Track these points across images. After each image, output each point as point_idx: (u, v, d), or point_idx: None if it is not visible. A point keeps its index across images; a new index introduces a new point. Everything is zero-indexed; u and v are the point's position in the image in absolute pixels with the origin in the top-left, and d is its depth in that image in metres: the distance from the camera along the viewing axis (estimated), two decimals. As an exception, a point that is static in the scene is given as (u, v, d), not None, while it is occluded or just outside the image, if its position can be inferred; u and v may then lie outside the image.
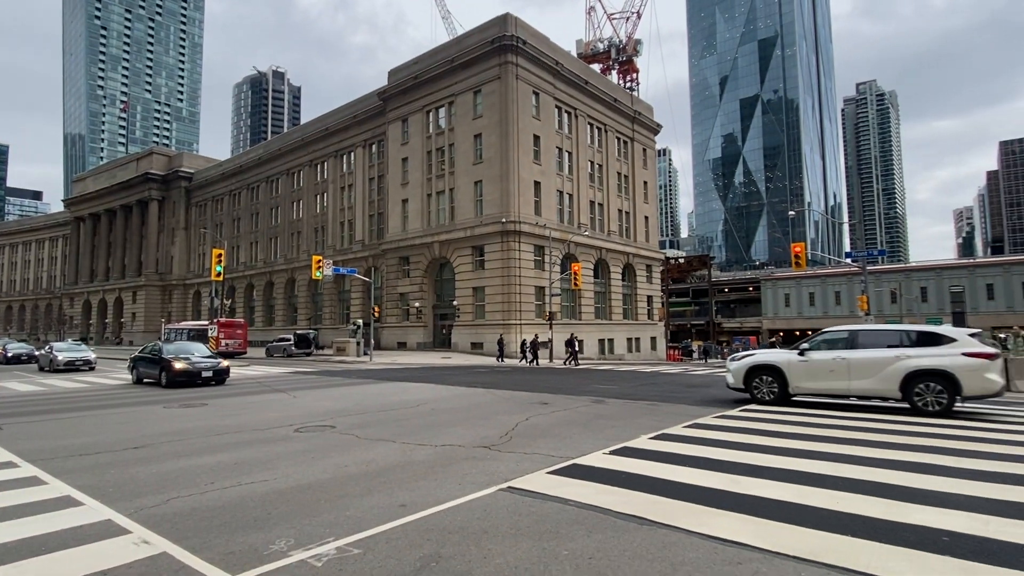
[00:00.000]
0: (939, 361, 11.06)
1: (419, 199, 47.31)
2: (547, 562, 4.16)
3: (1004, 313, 58.63)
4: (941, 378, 11.00)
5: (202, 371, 18.35)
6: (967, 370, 10.81)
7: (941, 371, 10.99)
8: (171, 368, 18.03)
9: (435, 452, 8.06)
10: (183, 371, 18.10)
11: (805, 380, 12.56)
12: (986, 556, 4.22)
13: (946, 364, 10.96)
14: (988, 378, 10.77)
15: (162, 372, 18.28)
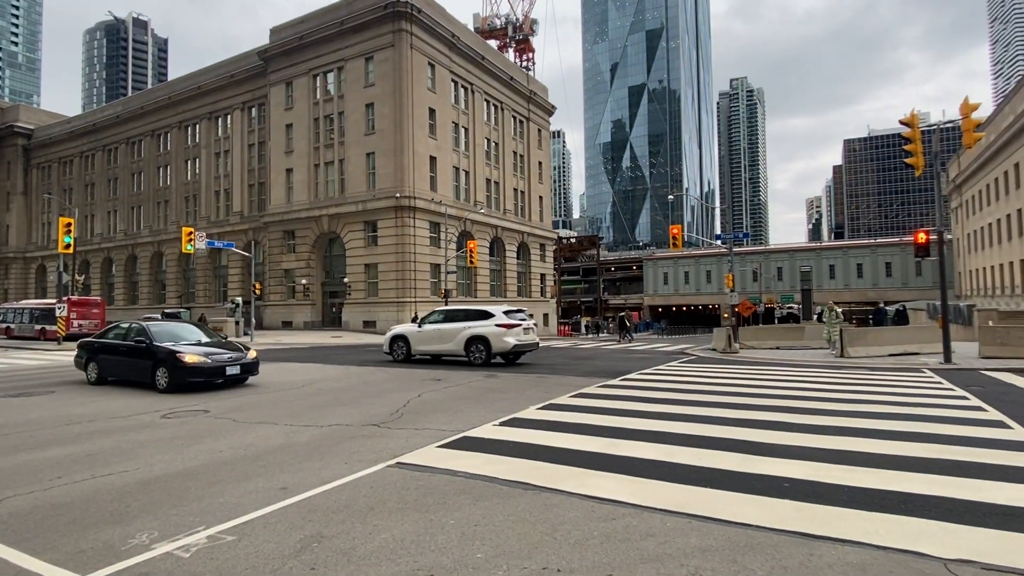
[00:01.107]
0: (482, 330, 16.82)
1: (305, 169, 44.62)
2: (433, 532, 4.20)
3: (841, 290, 67.46)
4: (481, 341, 16.74)
5: (225, 367, 12.09)
6: (495, 336, 16.62)
7: (482, 336, 16.71)
8: (180, 363, 11.55)
9: (321, 433, 7.79)
10: (197, 367, 11.66)
11: (420, 344, 17.90)
12: (815, 497, 4.89)
13: (485, 332, 16.78)
14: (505, 340, 16.62)
15: (158, 368, 11.83)
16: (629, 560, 3.70)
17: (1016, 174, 40.50)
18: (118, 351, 12.82)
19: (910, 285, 62.67)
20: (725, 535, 4.09)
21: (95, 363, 13.21)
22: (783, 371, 15.46)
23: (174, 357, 11.57)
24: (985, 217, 49.23)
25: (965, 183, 55.33)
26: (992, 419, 8.28)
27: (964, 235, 57.69)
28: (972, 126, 15.55)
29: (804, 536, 4.05)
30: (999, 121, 43.84)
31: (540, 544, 3.97)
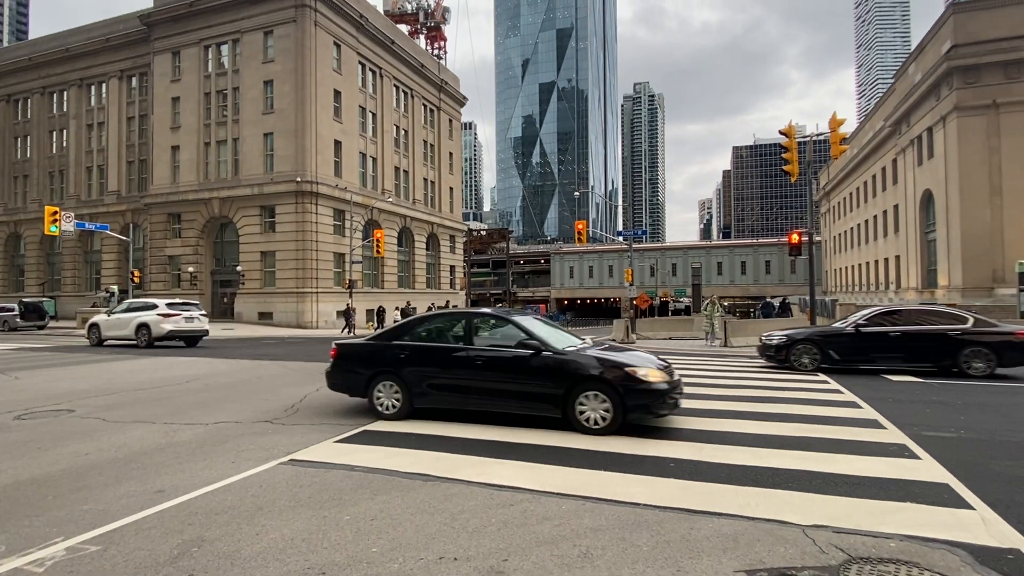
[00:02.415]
0: (146, 318, 19.94)
1: (194, 147, 41.14)
2: (327, 529, 4.06)
3: (728, 286, 73.15)
4: (145, 327, 19.89)
5: None
6: (155, 323, 19.82)
7: (145, 323, 19.94)
8: None
9: (206, 431, 7.25)
10: None
11: (107, 331, 20.92)
12: (698, 475, 5.27)
13: (147, 320, 19.86)
14: (162, 326, 19.86)
15: None
16: (525, 544, 3.78)
17: (872, 185, 45.89)
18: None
19: (786, 281, 69.18)
20: (616, 515, 4.29)
21: None
22: (674, 360, 16.49)
23: None
24: (847, 222, 55.39)
25: (833, 190, 61.87)
26: (847, 400, 9.35)
27: (831, 237, 64.58)
28: (838, 139, 17.39)
29: (687, 512, 4.35)
30: (861, 137, 49.40)
31: (438, 534, 3.96)
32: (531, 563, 3.52)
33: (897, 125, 38.31)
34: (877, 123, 43.30)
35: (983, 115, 28.75)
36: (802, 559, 3.55)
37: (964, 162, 29.02)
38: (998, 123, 28.55)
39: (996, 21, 28.61)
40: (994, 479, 5.16)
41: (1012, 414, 8.17)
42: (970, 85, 28.90)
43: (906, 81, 36.38)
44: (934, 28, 31.91)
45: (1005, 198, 28.27)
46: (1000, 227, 28.30)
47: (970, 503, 4.52)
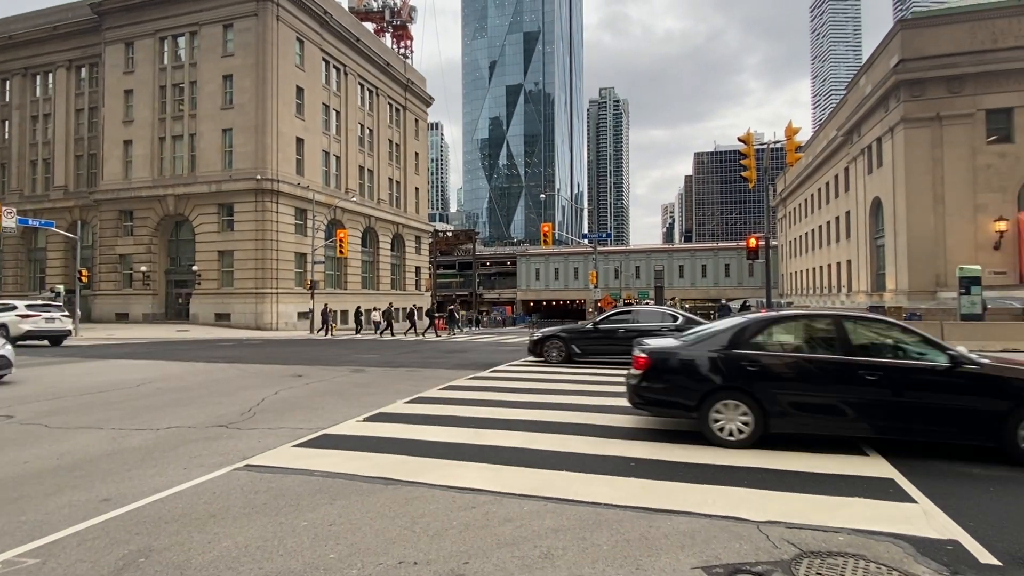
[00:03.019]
0: (4, 319, 20.50)
1: (148, 142, 39.64)
2: (283, 536, 3.95)
3: (689, 288, 74.78)
4: (3, 327, 19.97)
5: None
6: (13, 323, 20.42)
7: (3, 323, 20.25)
8: None
9: (157, 436, 6.98)
10: None
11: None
12: (658, 473, 5.35)
13: (5, 320, 20.48)
14: (20, 326, 20.44)
15: None
16: (486, 547, 3.77)
17: (826, 192, 47.64)
18: None
19: (744, 284, 71.15)
20: (577, 514, 4.32)
21: None
22: (638, 361, 16.72)
23: None
24: (802, 227, 57.34)
25: (789, 197, 63.96)
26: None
27: (787, 242, 66.73)
28: (794, 147, 18.00)
29: (646, 510, 4.41)
30: (815, 145, 51.25)
31: (398, 539, 3.90)
32: (492, 565, 3.51)
33: (849, 135, 39.89)
34: (830, 132, 45.00)
35: (928, 127, 30.20)
36: (756, 554, 3.64)
37: (910, 172, 30.42)
38: (941, 135, 30.03)
39: (940, 38, 30.12)
40: (935, 474, 5.41)
41: (952, 411, 8.57)
42: (916, 98, 30.32)
43: (857, 93, 37.91)
44: (883, 43, 33.37)
45: (947, 207, 29.75)
46: (943, 234, 29.76)
47: (913, 497, 4.72)
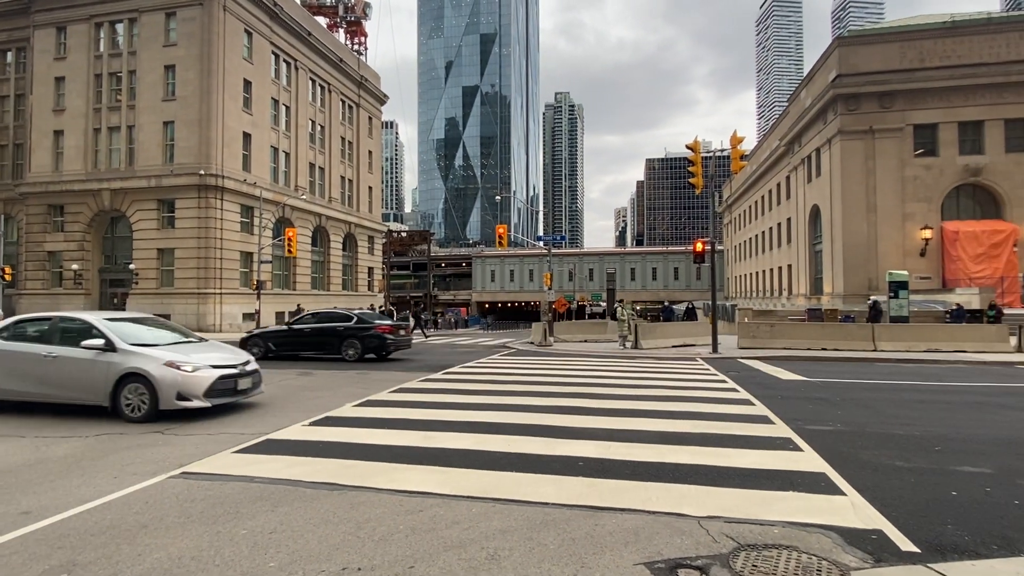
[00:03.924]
0: None
1: (82, 133, 37.41)
2: (220, 545, 3.80)
3: (640, 291, 76.46)
4: None
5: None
6: None
7: None
8: None
9: (85, 444, 6.59)
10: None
11: None
12: (604, 472, 5.45)
13: None
14: None
15: None
16: (433, 550, 3.73)
17: (769, 199, 49.71)
18: None
19: (692, 287, 73.29)
20: (524, 515, 4.34)
21: None
22: (588, 361, 17.01)
23: None
24: (747, 233, 59.61)
25: (735, 203, 66.37)
26: (742, 398, 10.03)
27: (733, 246, 69.20)
28: (738, 156, 18.70)
29: (592, 509, 4.48)
30: (759, 154, 53.39)
31: (342, 544, 3.82)
32: (438, 569, 3.48)
33: (790, 145, 41.77)
34: (773, 142, 47.00)
35: (862, 139, 31.98)
36: (696, 549, 3.76)
37: (846, 181, 32.12)
38: (874, 147, 31.86)
39: (873, 56, 31.96)
40: (863, 467, 5.72)
41: (881, 409, 9.11)
42: (851, 112, 32.06)
43: (799, 105, 39.76)
44: (822, 58, 35.14)
45: (879, 215, 31.57)
46: (875, 241, 31.56)
47: (843, 490, 4.98)
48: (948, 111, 31.03)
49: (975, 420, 8.19)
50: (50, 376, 8.03)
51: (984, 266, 29.32)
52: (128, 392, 7.78)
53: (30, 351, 8.21)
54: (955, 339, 19.00)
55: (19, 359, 8.23)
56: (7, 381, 8.26)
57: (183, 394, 7.75)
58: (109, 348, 7.94)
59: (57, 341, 8.22)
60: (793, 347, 19.87)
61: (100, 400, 7.88)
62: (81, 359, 7.95)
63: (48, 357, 8.05)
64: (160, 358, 7.89)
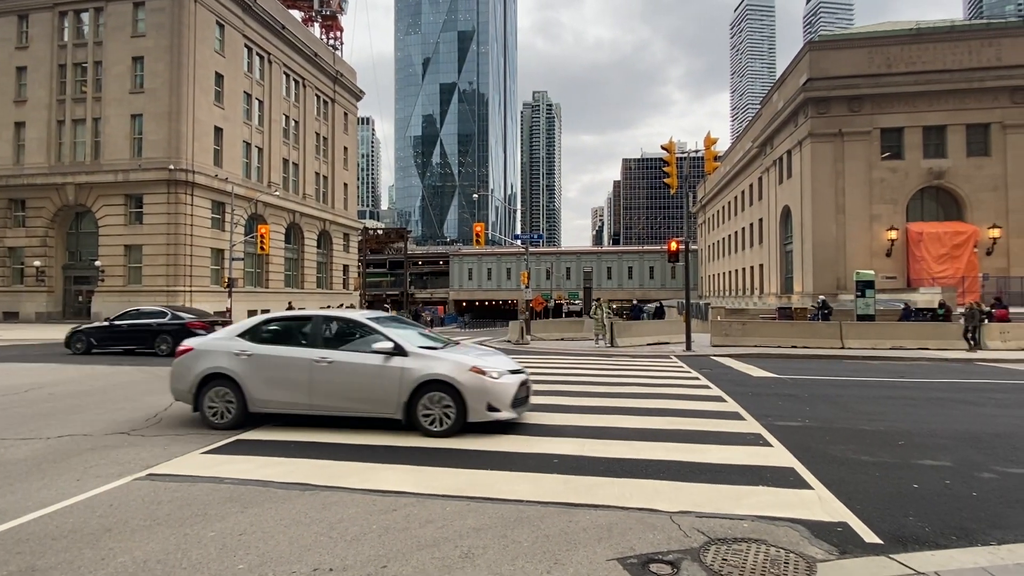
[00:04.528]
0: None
1: (44, 125, 36.17)
2: (187, 548, 3.72)
3: (616, 289, 77.11)
4: None
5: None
6: None
7: None
8: None
9: (47, 446, 6.38)
10: None
11: None
12: (579, 470, 5.48)
13: None
14: None
15: None
16: (406, 549, 3.71)
17: (742, 200, 50.57)
18: None
19: (667, 286, 74.21)
20: (499, 513, 4.35)
21: None
22: (564, 359, 17.09)
23: None
24: (720, 233, 60.57)
25: (708, 203, 67.35)
26: (714, 395, 10.19)
27: (706, 246, 70.23)
28: (712, 156, 18.98)
29: (567, 505, 4.50)
30: (733, 155, 54.28)
31: (314, 545, 3.77)
32: (411, 568, 3.46)
33: (763, 147, 42.55)
34: (746, 144, 47.82)
35: (831, 142, 32.75)
36: (668, 544, 3.81)
37: (816, 182, 32.86)
38: (843, 150, 32.66)
39: (842, 60, 32.74)
40: (830, 462, 5.86)
41: (848, 405, 9.35)
42: (821, 115, 32.80)
43: (771, 108, 40.52)
44: (794, 62, 35.86)
45: (847, 216, 32.38)
46: (843, 241, 32.37)
47: (810, 484, 5.10)
48: (913, 115, 31.97)
49: (936, 415, 8.47)
50: (321, 385, 6.97)
51: (946, 266, 30.30)
52: (427, 402, 6.74)
53: (295, 356, 7.12)
54: (919, 337, 19.61)
55: (280, 366, 7.13)
56: (267, 391, 7.10)
57: (493, 404, 6.75)
58: (398, 352, 6.88)
59: (321, 344, 7.24)
60: (764, 345, 20.27)
61: (390, 412, 6.85)
62: (365, 365, 6.92)
63: (320, 363, 6.99)
64: (463, 363, 6.89)
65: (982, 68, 31.19)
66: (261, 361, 7.17)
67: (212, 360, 7.30)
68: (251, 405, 7.13)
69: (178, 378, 7.52)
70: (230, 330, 7.80)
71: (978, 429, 7.48)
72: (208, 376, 7.26)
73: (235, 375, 7.14)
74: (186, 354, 7.56)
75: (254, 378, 7.10)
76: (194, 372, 7.33)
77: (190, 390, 7.33)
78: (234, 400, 7.16)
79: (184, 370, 7.46)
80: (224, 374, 7.20)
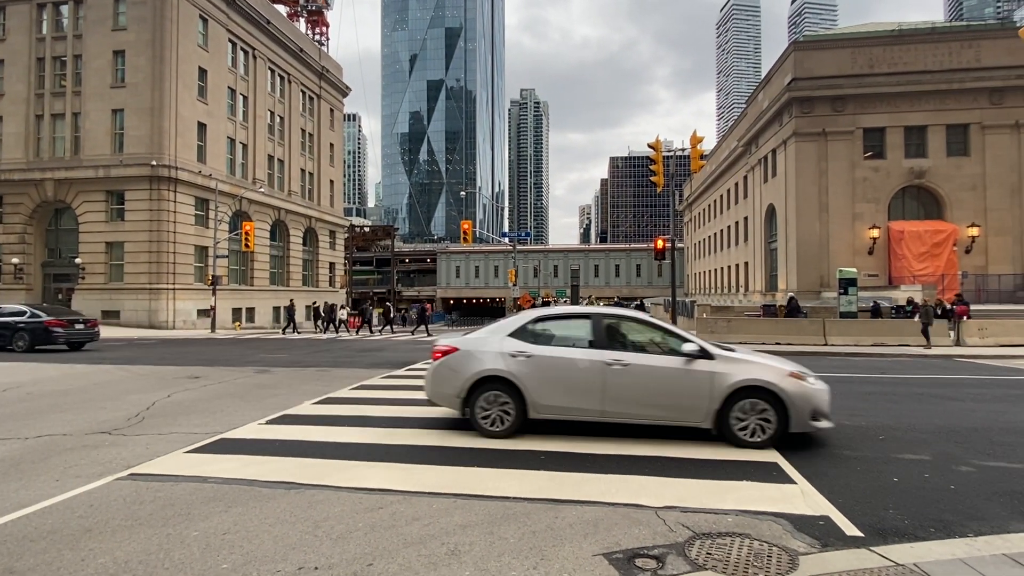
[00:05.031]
0: None
1: (23, 119, 35.43)
2: (170, 548, 3.67)
3: (603, 287, 77.47)
4: None
5: None
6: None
7: None
8: None
9: (24, 446, 6.27)
10: None
11: None
12: (566, 466, 5.49)
13: None
14: None
15: None
16: (392, 547, 3.70)
17: (727, 198, 51.00)
18: None
19: (654, 284, 74.70)
20: (486, 509, 4.35)
21: None
22: (553, 358, 17.11)
23: None
24: (706, 231, 61.05)
25: (695, 202, 67.84)
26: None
27: (693, 244, 70.75)
28: (698, 155, 19.12)
29: (553, 502, 4.52)
30: (718, 154, 54.71)
31: (299, 544, 3.74)
32: (397, 565, 3.45)
33: (748, 146, 42.94)
34: (732, 143, 48.23)
35: (815, 141, 33.14)
36: (653, 539, 3.83)
37: (800, 181, 33.25)
38: (826, 149, 33.07)
39: (826, 61, 33.13)
40: (813, 456, 5.95)
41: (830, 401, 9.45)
42: (806, 114, 33.17)
43: (756, 107, 40.89)
44: (779, 62, 36.21)
45: (831, 215, 32.81)
46: (827, 239, 32.79)
47: (793, 479, 5.16)
48: (895, 116, 32.45)
49: (916, 410, 8.62)
50: (617, 389, 6.42)
51: (927, 264, 30.83)
52: (740, 411, 6.24)
53: (584, 358, 6.56)
54: (900, 334, 19.95)
55: (566, 368, 6.57)
56: (551, 395, 6.53)
57: (818, 412, 6.34)
58: (703, 355, 6.40)
59: (607, 344, 6.65)
60: (749, 342, 20.48)
61: (697, 421, 6.36)
62: (667, 368, 6.41)
63: (614, 366, 6.42)
64: (781, 367, 6.47)
65: (962, 69, 31.73)
66: (544, 363, 6.58)
67: (485, 362, 6.68)
68: (532, 410, 6.56)
69: (442, 381, 6.87)
70: (492, 330, 7.14)
71: (956, 423, 7.62)
72: (482, 379, 6.64)
73: (514, 378, 6.52)
74: (450, 355, 6.90)
75: (535, 381, 6.52)
76: (465, 375, 6.68)
77: (459, 394, 6.69)
78: (511, 405, 6.56)
79: (450, 373, 6.81)
80: (501, 377, 6.58)
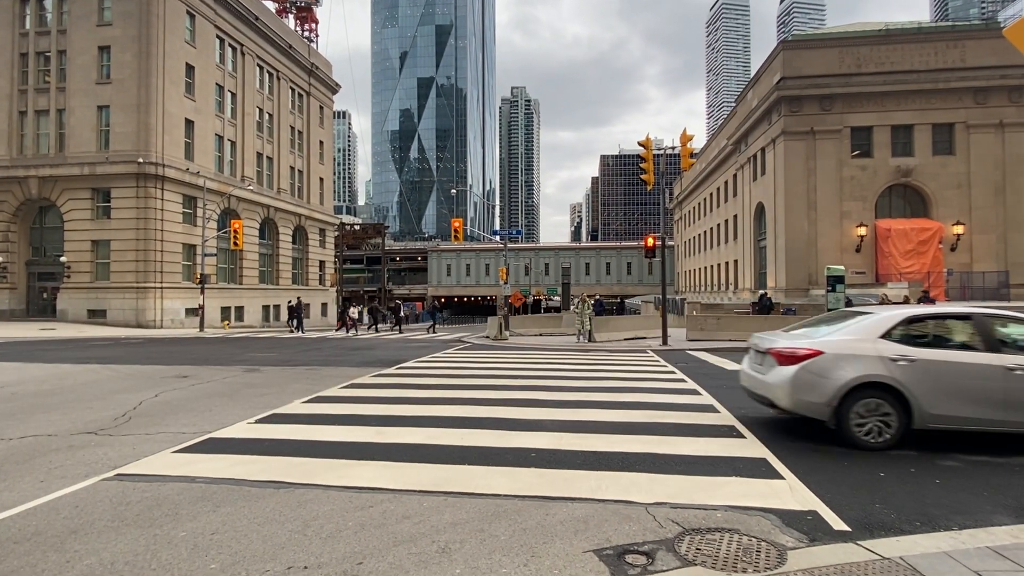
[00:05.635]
0: None
1: (6, 116, 34.90)
2: (157, 549, 3.64)
3: (594, 285, 77.61)
4: None
5: None
6: None
7: None
8: None
9: (9, 447, 6.18)
10: None
11: None
12: (555, 463, 5.51)
13: None
14: None
15: None
16: (383, 545, 3.69)
17: (717, 197, 51.27)
18: None
19: (644, 282, 74.99)
20: (476, 507, 4.35)
21: None
22: (542, 354, 17.15)
23: None
24: (696, 229, 61.35)
25: (685, 200, 68.12)
26: (689, 388, 10.34)
27: (683, 242, 71.05)
28: (688, 153, 19.20)
29: (543, 499, 4.52)
30: (708, 152, 54.96)
31: (288, 543, 3.72)
32: (387, 564, 3.44)
33: (737, 144, 43.17)
34: (721, 141, 48.46)
35: (804, 140, 33.38)
36: (643, 535, 3.85)
37: (788, 180, 33.48)
38: (815, 148, 33.31)
39: (814, 60, 33.36)
40: (801, 452, 6.00)
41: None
42: (794, 113, 33.39)
43: (745, 106, 41.11)
44: (768, 60, 36.41)
45: (819, 213, 33.07)
46: (815, 237, 33.06)
47: (781, 474, 5.20)
48: (882, 115, 32.74)
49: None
50: (1019, 396, 5.91)
51: (913, 262, 31.17)
52: None
53: (978, 363, 6.05)
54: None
55: (959, 373, 6.04)
56: (942, 404, 5.99)
57: None
58: None
59: (999, 347, 6.15)
60: (738, 339, 20.59)
61: None
62: None
63: (1016, 371, 5.91)
64: None
65: (947, 69, 32.07)
66: (931, 368, 6.04)
67: (861, 367, 6.11)
68: (918, 420, 6.01)
69: (808, 388, 6.25)
70: (857, 331, 6.54)
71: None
72: (858, 386, 6.08)
73: (899, 385, 5.99)
74: (813, 359, 6.27)
75: (923, 388, 5.98)
76: (837, 381, 6.10)
77: (829, 402, 6.12)
78: (892, 414, 6.02)
79: (816, 379, 6.21)
80: (882, 383, 6.03)
